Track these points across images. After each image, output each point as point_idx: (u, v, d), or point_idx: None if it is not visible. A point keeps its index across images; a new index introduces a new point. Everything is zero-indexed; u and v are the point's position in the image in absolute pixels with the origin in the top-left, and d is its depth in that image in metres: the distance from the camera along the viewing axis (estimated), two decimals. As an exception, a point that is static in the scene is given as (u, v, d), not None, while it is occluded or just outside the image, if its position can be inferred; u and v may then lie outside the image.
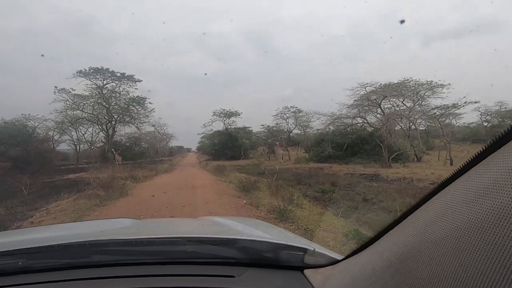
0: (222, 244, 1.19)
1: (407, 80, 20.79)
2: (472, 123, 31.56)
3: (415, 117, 20.92)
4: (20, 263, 1.04)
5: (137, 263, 1.10)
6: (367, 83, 21.37)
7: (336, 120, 23.73)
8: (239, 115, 39.81)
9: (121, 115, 25.27)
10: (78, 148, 33.66)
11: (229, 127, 40.72)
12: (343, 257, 1.04)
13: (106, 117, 24.79)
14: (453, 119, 26.79)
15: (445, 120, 25.87)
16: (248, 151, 40.37)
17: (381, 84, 21.18)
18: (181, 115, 66.37)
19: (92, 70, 23.28)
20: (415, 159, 23.97)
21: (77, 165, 29.61)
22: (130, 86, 24.80)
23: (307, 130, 36.36)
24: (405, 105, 23.36)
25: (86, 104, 24.24)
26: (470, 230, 0.47)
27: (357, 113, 22.89)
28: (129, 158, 33.49)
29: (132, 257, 1.12)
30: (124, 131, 29.39)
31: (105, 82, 24.26)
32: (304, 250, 1.12)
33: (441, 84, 22.65)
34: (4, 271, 1.04)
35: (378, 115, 22.82)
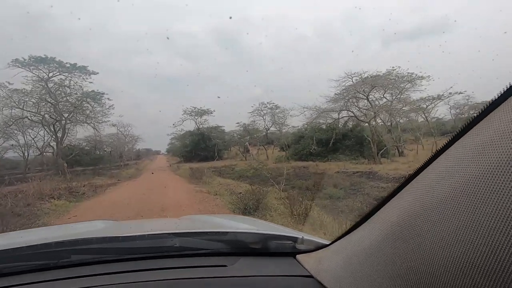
0: (212, 236, 1.17)
1: (394, 69, 18.89)
2: (435, 117, 30.93)
3: (404, 109, 19.08)
4: None
5: (124, 259, 1.06)
6: (354, 73, 19.18)
7: (323, 114, 21.28)
8: (212, 114, 36.38)
9: (72, 114, 20.79)
10: (27, 154, 28.09)
11: (201, 126, 37.14)
12: (330, 241, 1.04)
13: (53, 116, 20.21)
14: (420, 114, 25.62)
15: (416, 114, 24.83)
16: (222, 151, 37.04)
17: (370, 74, 19.07)
18: (149, 116, 61.47)
19: (33, 60, 18.73)
20: (398, 154, 22.48)
21: (25, 174, 24.50)
22: (84, 79, 20.53)
23: (283, 128, 33.78)
24: (386, 98, 21.75)
25: (27, 101, 19.52)
26: (469, 188, 0.48)
27: (342, 106, 20.59)
28: (88, 163, 28.89)
29: (119, 254, 1.08)
30: (83, 133, 24.73)
31: (51, 75, 19.74)
32: (293, 238, 1.12)
33: (421, 76, 21.17)
34: None
35: (363, 109, 20.71)
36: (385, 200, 0.74)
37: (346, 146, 23.90)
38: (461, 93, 20.60)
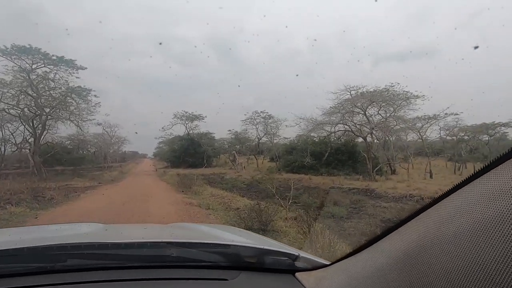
0: (212, 248, 1.13)
1: (392, 85, 18.43)
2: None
3: (399, 127, 18.58)
4: None
5: (121, 267, 1.03)
6: (353, 87, 18.60)
7: (319, 126, 20.53)
8: (203, 119, 35.23)
9: (54, 109, 19.28)
10: (3, 149, 26.00)
11: (191, 131, 35.87)
12: (330, 262, 1.04)
13: (32, 110, 18.67)
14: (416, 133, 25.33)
15: (406, 133, 24.53)
16: (211, 158, 35.75)
17: (367, 90, 18.56)
18: (138, 119, 59.74)
19: (15, 49, 17.31)
20: (390, 172, 21.96)
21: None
22: (70, 73, 19.13)
23: (274, 139, 32.91)
24: (380, 115, 21.29)
25: (5, 93, 17.96)
26: (485, 228, 0.48)
27: (339, 119, 19.94)
28: (69, 163, 27.08)
29: (114, 260, 1.04)
30: (66, 131, 23.10)
31: (34, 66, 18.31)
32: (292, 255, 1.11)
33: (416, 95, 20.86)
34: None
35: (358, 124, 20.12)
36: (392, 228, 0.75)
37: (339, 160, 23.21)
38: (457, 114, 20.35)
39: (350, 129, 19.50)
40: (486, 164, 0.53)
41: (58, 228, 1.89)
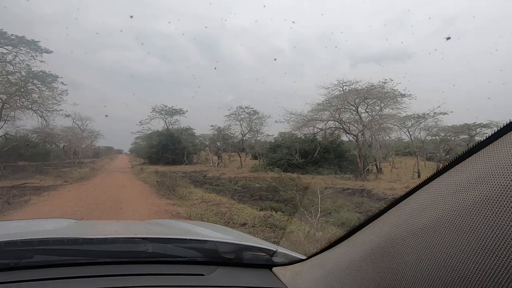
0: (188, 244, 1.11)
1: (386, 81, 17.59)
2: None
3: (393, 125, 17.82)
4: None
5: (94, 263, 0.98)
6: (346, 82, 17.53)
7: (310, 122, 19.33)
8: (184, 114, 33.08)
9: (12, 96, 16.61)
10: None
11: (171, 127, 33.61)
12: (306, 256, 1.05)
13: (-14, 97, 15.97)
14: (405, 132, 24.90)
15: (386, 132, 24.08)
16: (191, 155, 33.70)
17: (360, 85, 17.57)
18: (114, 113, 56.06)
19: (-36, 24, 14.54)
20: (377, 171, 21.32)
21: None
22: (33, 57, 16.54)
23: (257, 136, 31.48)
24: (368, 113, 20.53)
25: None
26: (453, 219, 0.50)
27: (330, 116, 18.84)
28: (33, 159, 24.14)
29: (88, 256, 1.00)
30: (30, 122, 20.22)
31: (-12, 46, 15.59)
32: (269, 251, 1.11)
33: (403, 94, 20.26)
34: None
35: (347, 122, 19.14)
36: (366, 222, 0.75)
37: (326, 159, 22.27)
38: (446, 113, 19.91)
39: (341, 127, 18.43)
40: (453, 159, 0.54)
41: (25, 223, 1.85)
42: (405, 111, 18.26)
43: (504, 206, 0.43)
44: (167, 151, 31.61)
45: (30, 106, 17.51)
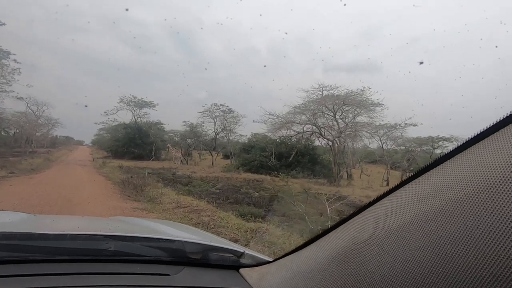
0: (154, 243, 1.07)
1: (364, 89, 17.69)
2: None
3: (368, 133, 17.96)
4: None
5: (47, 260, 0.93)
6: (326, 86, 17.33)
7: (287, 124, 18.86)
8: (154, 107, 31.19)
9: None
10: None
11: (139, 119, 31.50)
12: (272, 259, 1.05)
13: None
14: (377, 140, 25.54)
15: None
16: (159, 151, 31.81)
17: (340, 90, 17.46)
18: (76, 101, 51.44)
19: None
20: (347, 177, 21.53)
21: None
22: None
23: (230, 135, 30.59)
24: (339, 119, 20.62)
25: None
26: (414, 226, 0.52)
27: (308, 119, 18.53)
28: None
29: (41, 253, 0.94)
30: None
31: None
32: (236, 252, 1.10)
33: (376, 103, 20.67)
34: None
35: (325, 127, 19.03)
36: (334, 226, 0.77)
37: (300, 162, 22.05)
38: (416, 125, 20.57)
39: (318, 131, 18.20)
40: (417, 171, 0.57)
41: None
42: (380, 120, 18.50)
43: (458, 217, 0.46)
44: (134, 145, 29.51)
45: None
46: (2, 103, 17.44)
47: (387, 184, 20.72)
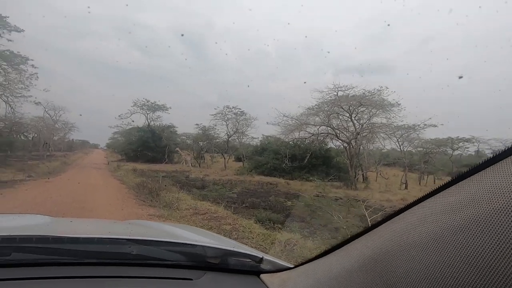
0: (176, 247, 1.07)
1: (381, 88, 17.04)
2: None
3: (386, 134, 17.29)
4: None
5: (74, 263, 0.95)
6: (342, 87, 16.79)
7: (302, 126, 18.40)
8: (167, 110, 31.31)
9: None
10: None
11: (152, 123, 31.67)
12: (292, 265, 1.04)
13: None
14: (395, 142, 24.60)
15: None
16: (172, 154, 31.86)
17: (356, 91, 16.89)
18: (90, 105, 52.79)
19: None
20: (362, 180, 20.79)
21: None
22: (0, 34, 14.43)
23: (242, 138, 30.31)
24: (355, 121, 19.92)
25: None
26: (448, 236, 0.51)
27: (323, 120, 18.00)
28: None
29: (68, 256, 0.95)
30: None
31: None
32: (255, 257, 1.08)
33: (393, 103, 19.87)
34: None
35: (340, 128, 18.44)
36: (358, 234, 0.76)
37: (314, 165, 21.49)
38: (435, 126, 19.68)
39: (333, 133, 17.64)
40: (449, 180, 0.57)
41: (2, 219, 1.63)
42: (397, 121, 17.76)
43: (494, 229, 0.45)
44: (147, 148, 29.68)
45: (-7, 90, 15.34)
46: (21, 107, 17.72)
47: (406, 187, 19.93)
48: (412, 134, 20.52)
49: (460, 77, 17.65)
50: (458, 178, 0.55)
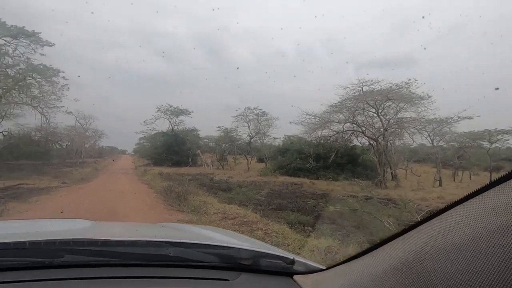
0: (211, 250, 1.11)
1: (410, 81, 16.12)
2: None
3: (416, 129, 16.36)
4: None
5: (118, 265, 1.00)
6: (367, 81, 16.11)
7: (326, 124, 17.90)
8: (189, 114, 31.82)
9: (10, 90, 15.36)
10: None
11: (175, 127, 32.34)
12: (325, 267, 1.05)
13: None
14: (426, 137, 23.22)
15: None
16: (196, 157, 32.33)
17: (382, 85, 16.13)
18: (117, 113, 55.18)
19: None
20: (391, 178, 19.80)
21: None
22: (33, 50, 15.32)
23: (264, 138, 30.09)
24: (383, 116, 18.98)
25: None
26: (485, 240, 0.50)
27: (347, 117, 17.37)
28: (34, 157, 22.92)
29: (114, 258, 1.00)
30: (32, 120, 18.80)
31: (-14, 37, 14.38)
32: (286, 259, 1.10)
33: (421, 96, 18.68)
34: None
35: (366, 125, 17.70)
36: (392, 237, 0.76)
37: (339, 164, 20.81)
38: (471, 118, 18.35)
39: (360, 130, 16.96)
40: (489, 182, 0.55)
41: (49, 223, 1.81)
42: (428, 115, 16.71)
43: None
44: (172, 152, 30.32)
45: (29, 101, 16.24)
46: (54, 118, 18.66)
47: (440, 185, 18.74)
48: (445, 128, 19.27)
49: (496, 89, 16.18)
50: (504, 178, 0.52)
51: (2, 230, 1.39)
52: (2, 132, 17.95)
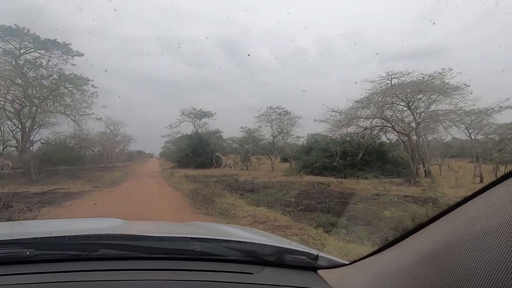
0: (235, 245, 1.15)
1: (444, 71, 15.00)
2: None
3: (450, 122, 15.20)
4: (27, 253, 0.97)
5: (148, 258, 1.07)
6: (396, 73, 15.19)
7: (353, 120, 17.19)
8: (212, 117, 32.12)
9: (46, 100, 16.19)
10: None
11: (199, 130, 32.79)
12: (348, 261, 1.07)
13: (20, 102, 15.58)
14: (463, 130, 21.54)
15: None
16: (220, 158, 32.56)
17: (413, 76, 15.14)
18: (144, 118, 57.29)
19: (-1, 29, 14.30)
20: (424, 175, 18.55)
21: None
22: (65, 60, 16.06)
23: (287, 137, 29.60)
24: (414, 110, 17.80)
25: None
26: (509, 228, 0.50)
27: (375, 113, 16.52)
28: (69, 163, 24.17)
29: (144, 252, 1.08)
30: (66, 128, 19.80)
31: (22, 51, 15.25)
32: (310, 254, 1.12)
33: (456, 86, 17.25)
34: (10, 260, 0.97)
35: (397, 119, 16.72)
36: (417, 228, 0.75)
37: (367, 161, 19.90)
38: (512, 108, 16.72)
39: (389, 125, 16.06)
40: None
41: (84, 222, 1.96)
42: (469, 106, 15.43)
43: None
44: (196, 154, 30.73)
45: (63, 110, 17.06)
46: (86, 125, 19.50)
47: (481, 181, 17.28)
48: (485, 119, 17.76)
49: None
50: None
51: (42, 227, 1.50)
52: (40, 140, 18.96)
